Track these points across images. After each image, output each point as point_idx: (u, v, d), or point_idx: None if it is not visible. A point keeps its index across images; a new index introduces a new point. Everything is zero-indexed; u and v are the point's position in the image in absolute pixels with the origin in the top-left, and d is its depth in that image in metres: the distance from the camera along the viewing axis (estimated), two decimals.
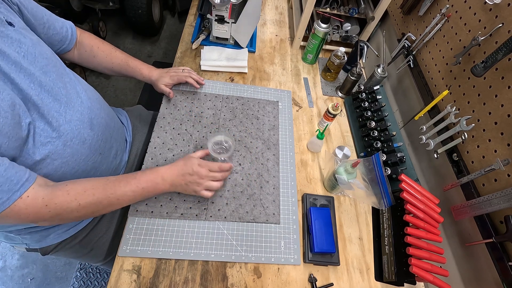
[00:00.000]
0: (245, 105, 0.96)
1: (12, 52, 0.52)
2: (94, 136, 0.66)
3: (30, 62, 0.55)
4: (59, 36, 0.71)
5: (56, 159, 0.58)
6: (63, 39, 0.72)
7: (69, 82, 0.64)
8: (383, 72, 0.99)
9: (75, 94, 0.64)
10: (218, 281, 0.66)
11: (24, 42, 0.55)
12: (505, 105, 0.61)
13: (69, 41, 0.74)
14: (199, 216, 0.73)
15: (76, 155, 0.62)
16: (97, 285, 1.35)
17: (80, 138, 0.62)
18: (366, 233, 0.80)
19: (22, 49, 0.54)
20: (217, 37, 1.09)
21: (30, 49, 0.55)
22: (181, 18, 2.68)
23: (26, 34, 0.56)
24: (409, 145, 0.94)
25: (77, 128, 0.62)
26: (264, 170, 0.84)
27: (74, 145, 0.61)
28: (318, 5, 1.06)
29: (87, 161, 0.66)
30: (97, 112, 0.69)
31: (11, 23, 0.54)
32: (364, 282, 0.72)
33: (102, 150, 0.70)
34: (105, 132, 0.71)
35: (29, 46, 0.55)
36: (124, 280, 0.63)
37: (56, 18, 0.71)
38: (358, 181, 0.73)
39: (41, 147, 0.55)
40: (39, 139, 0.55)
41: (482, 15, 0.69)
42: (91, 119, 0.66)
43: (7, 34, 0.52)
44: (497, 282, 0.60)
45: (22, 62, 0.53)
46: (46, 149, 0.55)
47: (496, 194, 0.58)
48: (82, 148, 0.63)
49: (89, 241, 0.77)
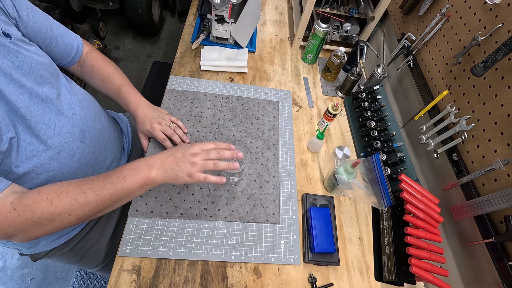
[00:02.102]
0: (245, 105, 0.96)
1: (6, 62, 0.51)
2: (85, 148, 0.65)
3: (23, 73, 0.54)
4: (60, 53, 0.69)
5: (42, 173, 0.57)
6: (65, 56, 0.71)
7: (64, 94, 0.62)
8: (383, 72, 0.99)
9: (67, 106, 0.62)
10: (218, 281, 0.66)
11: (20, 53, 0.54)
12: (505, 105, 0.61)
13: (72, 59, 0.72)
14: (199, 216, 0.73)
15: (64, 169, 0.60)
16: (97, 285, 1.35)
17: (69, 151, 0.61)
18: (366, 233, 0.80)
19: (17, 60, 0.53)
20: (217, 37, 1.09)
21: (26, 60, 0.54)
22: (181, 18, 2.69)
23: (23, 45, 0.55)
24: (409, 145, 0.94)
25: (66, 141, 0.60)
26: (264, 170, 0.84)
27: (62, 159, 0.59)
28: (318, 5, 1.06)
29: (76, 174, 0.64)
30: (91, 123, 0.67)
31: (8, 35, 0.53)
32: (364, 282, 0.72)
33: (94, 163, 0.68)
34: (98, 144, 0.69)
35: (25, 56, 0.54)
36: (124, 280, 0.63)
37: (64, 33, 0.69)
38: (358, 181, 0.73)
39: (26, 161, 0.54)
40: (24, 153, 0.53)
41: (482, 15, 0.69)
42: (82, 131, 0.64)
43: (3, 43, 0.51)
44: (497, 282, 0.60)
45: (14, 73, 0.52)
46: (31, 163, 0.54)
47: (496, 194, 0.58)
48: (71, 161, 0.62)
49: (80, 248, 0.77)
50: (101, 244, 0.80)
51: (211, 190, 0.77)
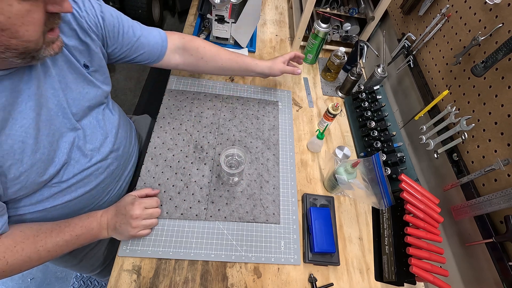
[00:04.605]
0: (245, 105, 0.96)
1: (79, 89, 0.58)
2: (91, 191, 0.66)
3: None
4: (146, 56, 0.72)
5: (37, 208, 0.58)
6: (152, 56, 0.73)
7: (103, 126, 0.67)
8: (383, 72, 0.99)
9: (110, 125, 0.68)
10: (218, 281, 0.66)
11: (92, 82, 0.61)
12: (505, 105, 0.61)
13: (157, 57, 0.74)
14: (199, 216, 0.73)
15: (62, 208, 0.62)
16: (97, 285, 1.35)
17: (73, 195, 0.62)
18: (366, 233, 0.80)
19: (84, 90, 0.60)
20: (217, 37, 1.09)
21: (91, 91, 0.61)
22: (181, 18, 2.68)
23: (95, 75, 0.61)
24: (409, 145, 0.94)
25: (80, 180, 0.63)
26: (264, 170, 0.83)
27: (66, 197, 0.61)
28: (318, 5, 1.06)
29: (69, 207, 0.64)
30: (110, 169, 0.69)
31: (87, 66, 0.59)
32: (364, 282, 0.72)
33: (93, 201, 0.68)
34: (104, 187, 0.70)
35: (92, 87, 0.61)
36: (124, 280, 0.63)
37: (149, 35, 0.70)
38: (358, 181, 0.73)
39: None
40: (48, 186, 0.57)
41: (482, 15, 0.69)
42: (98, 184, 0.67)
43: (83, 73, 0.58)
44: (497, 282, 0.60)
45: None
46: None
47: (496, 194, 0.58)
48: (71, 203, 0.63)
49: (79, 252, 0.77)
50: (100, 248, 0.80)
51: (211, 190, 0.77)
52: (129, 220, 0.62)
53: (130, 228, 0.62)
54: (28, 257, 0.54)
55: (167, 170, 0.78)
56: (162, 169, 0.78)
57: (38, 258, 0.55)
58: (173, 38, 0.76)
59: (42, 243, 0.55)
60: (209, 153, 0.83)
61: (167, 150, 0.82)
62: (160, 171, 0.78)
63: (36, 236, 0.55)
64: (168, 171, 0.78)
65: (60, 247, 0.57)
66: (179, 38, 0.78)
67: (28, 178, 0.51)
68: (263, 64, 0.87)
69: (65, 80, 0.55)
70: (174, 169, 0.79)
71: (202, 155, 0.82)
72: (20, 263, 0.53)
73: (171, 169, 0.79)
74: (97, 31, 0.59)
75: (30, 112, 0.49)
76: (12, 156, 0.48)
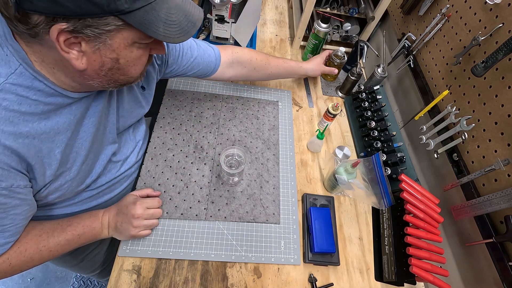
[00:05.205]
0: (245, 105, 0.96)
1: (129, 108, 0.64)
2: (115, 197, 0.71)
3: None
4: (202, 72, 0.76)
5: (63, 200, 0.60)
6: (206, 71, 0.77)
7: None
8: (383, 72, 0.99)
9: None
10: (218, 281, 0.66)
11: (145, 98, 0.67)
12: (505, 105, 0.61)
13: (211, 71, 0.77)
14: (199, 216, 0.73)
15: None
16: (97, 285, 1.35)
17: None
18: (366, 233, 0.80)
19: (131, 109, 0.65)
20: (217, 37, 1.09)
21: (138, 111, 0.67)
22: None
23: (145, 94, 0.66)
24: (409, 145, 0.94)
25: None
26: (264, 170, 0.83)
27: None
28: (318, 5, 1.06)
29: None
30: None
31: (143, 87, 0.63)
32: (364, 282, 0.72)
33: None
34: (125, 193, 0.73)
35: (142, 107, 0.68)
36: (124, 280, 0.63)
37: (204, 54, 0.74)
38: (358, 181, 0.73)
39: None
40: None
41: (482, 15, 0.69)
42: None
43: (139, 93, 0.64)
44: (497, 282, 0.60)
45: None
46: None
47: (496, 194, 0.58)
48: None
49: (80, 252, 0.77)
50: (100, 249, 0.80)
51: (211, 190, 0.77)
52: (131, 219, 0.62)
53: (131, 227, 0.62)
54: (31, 258, 0.54)
55: (167, 170, 0.78)
56: (162, 169, 0.78)
57: (39, 257, 0.55)
58: (226, 54, 0.79)
59: (44, 243, 0.55)
60: (209, 153, 0.83)
61: (167, 150, 0.82)
62: (160, 171, 0.78)
63: (39, 236, 0.55)
64: (168, 171, 0.78)
65: (62, 246, 0.57)
66: (232, 53, 0.80)
67: (70, 187, 0.54)
68: (307, 67, 0.92)
69: (122, 99, 0.60)
70: (174, 169, 0.79)
71: (202, 155, 0.82)
72: (22, 263, 0.53)
73: (171, 169, 0.78)
74: (163, 57, 0.64)
75: (91, 127, 0.54)
76: (65, 165, 0.51)
